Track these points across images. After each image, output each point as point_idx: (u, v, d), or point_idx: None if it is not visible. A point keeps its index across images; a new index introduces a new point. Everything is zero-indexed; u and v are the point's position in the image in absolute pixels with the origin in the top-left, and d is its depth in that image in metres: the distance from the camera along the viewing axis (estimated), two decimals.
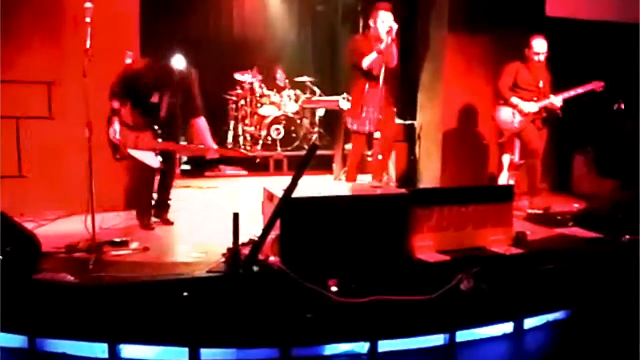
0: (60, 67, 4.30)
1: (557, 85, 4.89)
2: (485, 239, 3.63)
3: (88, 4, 3.37)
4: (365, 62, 4.53)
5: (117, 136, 3.86)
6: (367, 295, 2.90)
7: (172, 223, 4.29)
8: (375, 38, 4.57)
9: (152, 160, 3.91)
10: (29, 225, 3.69)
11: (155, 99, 3.96)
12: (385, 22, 4.50)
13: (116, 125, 3.86)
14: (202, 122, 4.14)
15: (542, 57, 4.80)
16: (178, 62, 4.01)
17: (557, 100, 4.79)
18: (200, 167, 6.80)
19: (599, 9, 5.53)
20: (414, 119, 6.11)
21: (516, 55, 4.89)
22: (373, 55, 4.50)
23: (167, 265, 3.25)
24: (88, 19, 3.34)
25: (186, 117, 4.17)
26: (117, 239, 3.57)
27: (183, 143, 4.50)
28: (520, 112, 4.78)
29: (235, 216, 3.08)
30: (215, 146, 4.12)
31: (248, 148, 7.39)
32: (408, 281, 3.12)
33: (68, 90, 4.16)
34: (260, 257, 3.08)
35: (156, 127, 3.93)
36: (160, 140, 3.93)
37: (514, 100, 4.78)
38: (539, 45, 4.77)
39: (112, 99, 3.89)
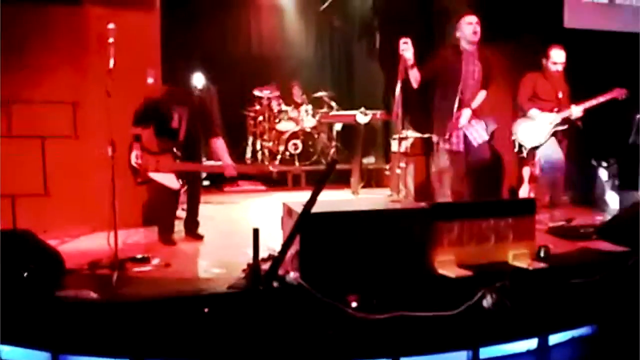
0: (84, 87, 4.40)
1: (578, 96, 4.84)
2: (507, 253, 3.58)
3: (111, 25, 3.45)
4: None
5: (138, 161, 4.00)
6: (388, 311, 2.87)
7: (202, 237, 4.35)
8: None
9: (172, 182, 4.04)
10: (52, 243, 3.75)
11: (175, 123, 4.10)
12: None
13: (137, 151, 4.00)
14: (219, 143, 4.25)
15: (560, 67, 4.76)
16: (197, 83, 4.13)
17: (577, 111, 4.73)
18: (220, 183, 6.85)
19: (617, 20, 5.49)
20: (432, 132, 6.08)
21: (534, 66, 4.86)
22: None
23: (188, 282, 3.27)
24: (111, 40, 3.42)
25: (205, 137, 4.27)
26: (139, 256, 3.61)
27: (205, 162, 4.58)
28: (541, 123, 4.73)
29: (255, 232, 3.09)
30: (232, 163, 4.19)
31: (266, 163, 7.44)
32: (430, 297, 3.08)
33: (92, 110, 4.25)
34: (281, 272, 3.08)
35: (175, 150, 4.07)
36: (179, 161, 4.06)
37: (533, 112, 4.73)
38: (558, 55, 4.74)
39: (135, 126, 4.03)
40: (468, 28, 4.32)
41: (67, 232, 4.34)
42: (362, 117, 6.48)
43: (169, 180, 4.02)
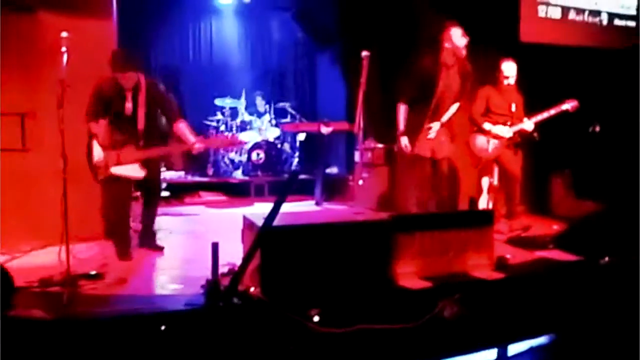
0: (36, 98, 4.24)
1: (533, 108, 4.94)
2: (467, 264, 3.62)
3: (64, 34, 3.35)
4: None
5: (100, 157, 3.88)
6: (350, 324, 2.85)
7: (162, 248, 4.24)
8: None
9: (137, 172, 3.91)
10: (1, 258, 3.58)
11: (130, 110, 3.96)
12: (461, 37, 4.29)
13: (96, 148, 3.88)
14: (182, 125, 4.09)
15: (512, 81, 4.81)
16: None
17: (528, 125, 4.79)
18: (180, 193, 6.73)
19: (572, 35, 5.67)
20: (394, 142, 6.14)
21: (492, 79, 4.93)
22: None
23: (144, 298, 3.17)
24: (64, 49, 3.31)
25: (168, 122, 4.14)
26: (93, 272, 3.48)
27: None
28: (495, 137, 4.79)
29: (215, 246, 3.04)
30: (194, 140, 4.03)
31: (228, 173, 7.35)
32: (391, 309, 3.08)
33: (43, 121, 4.10)
34: (241, 288, 3.02)
35: (136, 138, 3.93)
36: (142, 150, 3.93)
37: (487, 126, 4.79)
38: (508, 69, 4.79)
39: (89, 121, 3.91)
40: (462, 41, 4.28)
41: (18, 247, 4.16)
42: (325, 127, 6.48)
43: (134, 170, 3.88)
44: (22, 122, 3.96)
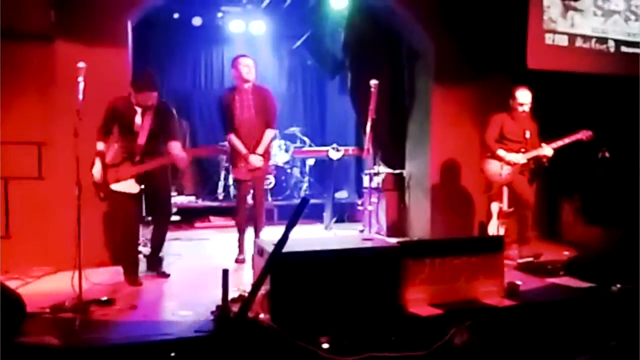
0: (51, 127, 4.34)
1: (544, 135, 4.95)
2: (477, 290, 3.60)
3: (81, 64, 3.43)
4: None
5: (99, 175, 3.93)
6: (360, 352, 2.85)
7: (168, 275, 4.27)
8: None
9: (132, 187, 3.96)
10: (14, 283, 3.61)
11: (138, 125, 4.01)
12: None
13: (98, 166, 3.94)
14: (174, 144, 4.08)
15: (526, 108, 4.81)
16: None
17: (548, 151, 4.78)
18: (190, 217, 6.77)
19: (579, 62, 5.68)
20: (403, 168, 6.17)
21: (503, 105, 4.95)
22: None
23: (155, 325, 3.18)
24: (80, 78, 3.40)
25: (165, 140, 4.10)
26: (104, 298, 3.51)
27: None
28: (508, 163, 4.80)
29: (225, 273, 3.06)
30: (183, 154, 4.08)
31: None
32: (401, 336, 3.07)
33: (58, 149, 4.18)
34: (250, 314, 3.03)
35: (134, 154, 3.98)
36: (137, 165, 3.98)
37: (501, 152, 4.77)
38: (523, 96, 4.80)
39: (99, 139, 3.98)
40: None
41: (30, 271, 4.21)
42: (334, 152, 6.54)
43: (130, 187, 3.94)
44: (39, 152, 4.01)
